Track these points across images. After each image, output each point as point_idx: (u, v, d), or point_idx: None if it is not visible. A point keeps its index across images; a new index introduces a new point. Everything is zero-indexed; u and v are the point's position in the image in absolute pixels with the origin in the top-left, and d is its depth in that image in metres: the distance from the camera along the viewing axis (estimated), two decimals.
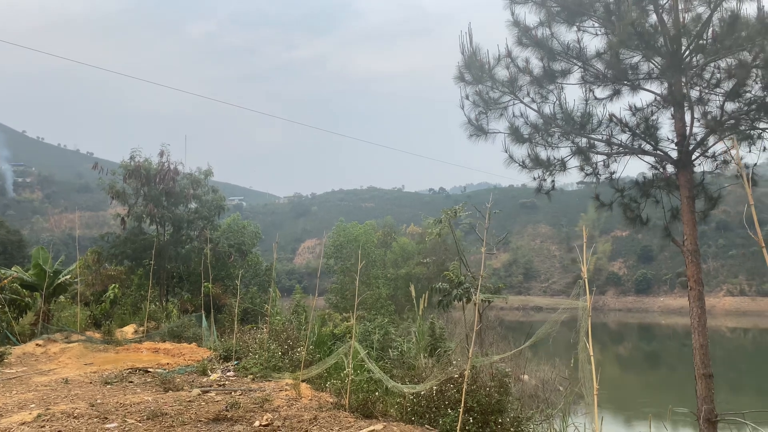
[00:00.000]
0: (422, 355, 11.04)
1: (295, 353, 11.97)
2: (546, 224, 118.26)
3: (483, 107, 8.88)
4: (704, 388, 7.82)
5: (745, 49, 7.05)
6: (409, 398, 8.06)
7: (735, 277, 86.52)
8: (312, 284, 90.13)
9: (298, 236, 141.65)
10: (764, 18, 6.72)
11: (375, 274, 38.33)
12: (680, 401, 13.53)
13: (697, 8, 7.36)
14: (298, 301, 22.68)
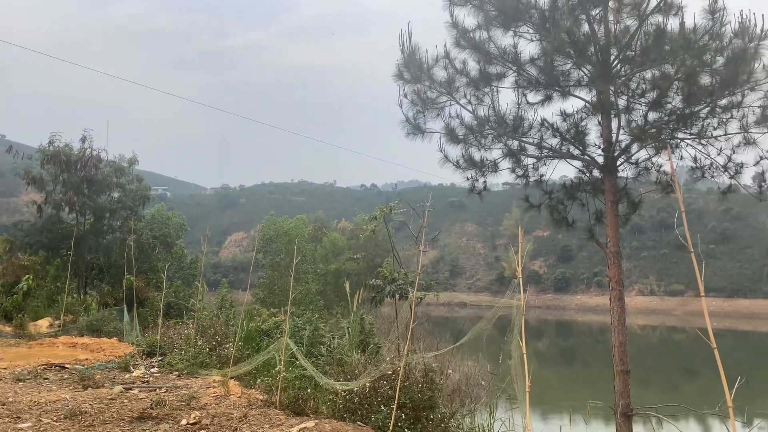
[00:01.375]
0: (354, 351, 11.05)
1: (223, 349, 11.71)
2: (473, 223, 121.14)
3: (421, 106, 8.96)
4: (621, 384, 8.22)
5: (669, 62, 7.44)
6: (342, 395, 8.05)
7: (646, 277, 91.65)
8: (238, 278, 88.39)
9: (225, 229, 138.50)
10: (686, 33, 7.12)
11: (305, 269, 38.05)
12: (596, 396, 14.22)
13: (626, 20, 7.70)
14: (224, 295, 22.19)
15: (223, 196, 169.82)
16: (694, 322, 68.99)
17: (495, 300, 8.60)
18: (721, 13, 7.13)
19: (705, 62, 7.42)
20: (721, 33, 7.22)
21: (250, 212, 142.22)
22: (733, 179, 8.19)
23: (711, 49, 7.30)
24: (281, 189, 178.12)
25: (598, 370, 36.67)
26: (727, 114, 7.75)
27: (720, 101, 7.67)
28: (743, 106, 7.70)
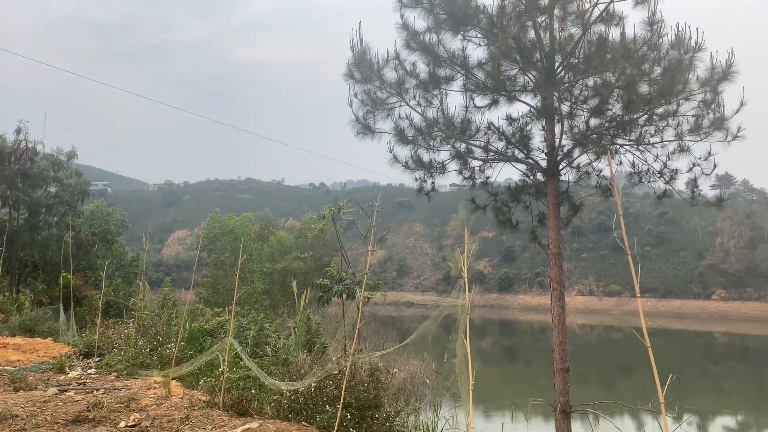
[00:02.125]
0: (300, 351, 10.97)
1: (165, 349, 11.42)
2: (420, 223, 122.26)
3: (371, 106, 8.98)
4: (561, 382, 8.45)
5: (610, 71, 7.71)
6: (287, 395, 7.99)
7: (586, 278, 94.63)
8: (181, 277, 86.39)
9: (168, 226, 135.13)
10: (627, 43, 7.39)
11: (250, 268, 37.51)
12: (537, 393, 14.60)
13: (570, 29, 7.93)
14: (167, 294, 21.65)
15: (166, 193, 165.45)
16: (631, 322, 71.72)
17: (441, 299, 8.73)
18: (659, 25, 7.44)
19: (644, 71, 7.73)
20: (659, 44, 7.53)
21: (194, 209, 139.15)
22: (668, 185, 8.55)
23: (649, 59, 7.61)
24: (227, 186, 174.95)
25: (539, 368, 37.66)
26: (663, 122, 8.08)
27: (657, 109, 7.99)
28: (678, 114, 8.05)
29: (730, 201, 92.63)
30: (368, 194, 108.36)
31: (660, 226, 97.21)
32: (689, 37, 7.48)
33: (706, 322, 75.02)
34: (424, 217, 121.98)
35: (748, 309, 79.15)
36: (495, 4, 8.31)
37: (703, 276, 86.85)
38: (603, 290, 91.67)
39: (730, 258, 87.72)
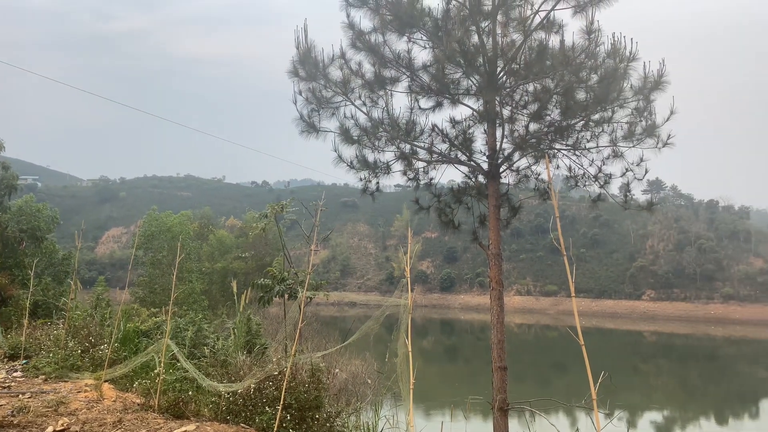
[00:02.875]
0: (240, 352, 10.78)
1: (97, 351, 10.99)
2: (365, 223, 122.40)
3: (316, 105, 8.93)
4: (499, 380, 8.64)
5: (549, 77, 7.94)
6: (225, 397, 7.83)
7: (524, 278, 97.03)
8: (116, 276, 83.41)
9: (103, 223, 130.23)
10: (566, 51, 7.63)
11: (189, 267, 36.57)
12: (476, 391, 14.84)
13: (512, 35, 8.12)
14: (100, 294, 20.85)
15: (101, 189, 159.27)
16: (566, 321, 74.07)
17: (384, 299, 8.75)
18: (597, 34, 7.71)
19: (581, 79, 8.00)
20: (596, 53, 7.81)
21: (130, 206, 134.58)
22: (603, 188, 8.88)
23: (587, 67, 7.88)
24: (166, 183, 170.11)
25: (478, 366, 38.36)
26: (599, 128, 8.39)
27: (593, 116, 8.29)
28: (613, 121, 8.37)
29: (660, 205, 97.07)
30: (312, 193, 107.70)
31: (594, 228, 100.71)
32: (624, 47, 7.79)
33: (636, 321, 78.29)
34: (368, 217, 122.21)
35: (675, 309, 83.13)
36: (440, 8, 8.42)
37: (635, 277, 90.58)
38: (540, 290, 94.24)
39: (659, 260, 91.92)
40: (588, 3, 7.92)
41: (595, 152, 8.65)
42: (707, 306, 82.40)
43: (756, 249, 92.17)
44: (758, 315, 77.19)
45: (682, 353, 53.75)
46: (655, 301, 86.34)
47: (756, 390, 35.97)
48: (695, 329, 69.95)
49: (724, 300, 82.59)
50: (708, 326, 72.19)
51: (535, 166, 9.18)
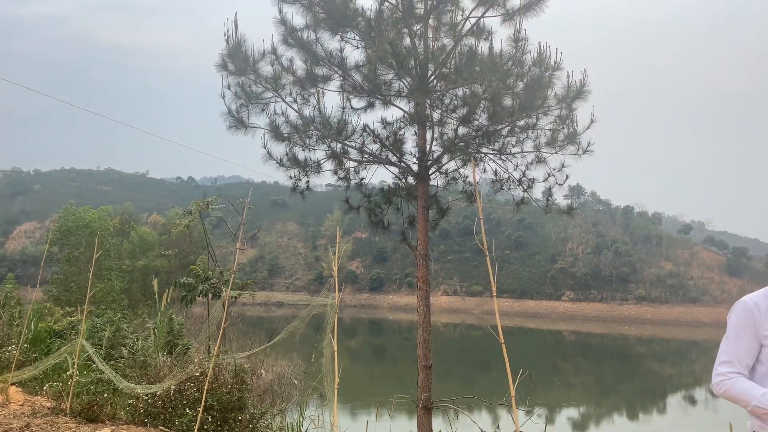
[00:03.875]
0: (160, 353, 10.42)
1: (4, 352, 10.34)
2: (294, 222, 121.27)
3: (245, 100, 8.74)
4: (424, 378, 8.75)
5: (478, 82, 8.12)
6: (143, 399, 7.55)
7: (451, 278, 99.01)
8: (27, 273, 78.77)
9: (14, 218, 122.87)
10: (494, 57, 7.83)
11: (108, 265, 34.99)
12: (402, 390, 15.00)
13: (443, 39, 8.25)
14: (9, 292, 19.65)
15: (13, 181, 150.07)
16: (490, 320, 76.04)
17: (312, 299, 8.69)
18: (524, 42, 7.95)
19: (508, 86, 8.22)
20: (523, 60, 8.05)
21: (45, 200, 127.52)
22: (526, 192, 9.17)
23: (513, 74, 8.11)
24: (85, 176, 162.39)
25: (404, 366, 38.75)
26: (524, 134, 8.65)
27: (519, 122, 8.54)
28: (537, 128, 8.65)
29: (580, 210, 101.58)
30: (240, 191, 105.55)
31: (518, 231, 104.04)
32: (549, 56, 8.07)
33: (556, 321, 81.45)
34: (298, 216, 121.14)
35: (592, 309, 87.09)
36: (373, 8, 8.44)
37: (555, 278, 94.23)
38: (466, 290, 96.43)
39: (578, 262, 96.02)
40: (516, 12, 8.15)
41: (520, 157, 8.91)
42: (622, 307, 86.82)
43: (666, 253, 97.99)
44: (667, 315, 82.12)
45: (598, 352, 56.38)
46: (574, 302, 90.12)
47: (664, 386, 38.20)
48: (610, 329, 73.53)
49: (637, 301, 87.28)
50: (622, 326, 76.07)
51: (463, 169, 9.36)
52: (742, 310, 2.85)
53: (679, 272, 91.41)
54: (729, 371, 2.81)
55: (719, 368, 2.85)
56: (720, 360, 2.86)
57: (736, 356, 2.82)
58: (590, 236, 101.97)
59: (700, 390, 37.06)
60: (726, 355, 2.84)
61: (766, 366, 2.81)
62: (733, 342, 2.84)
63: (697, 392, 36.48)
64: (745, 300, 2.89)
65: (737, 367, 2.81)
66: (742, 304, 2.87)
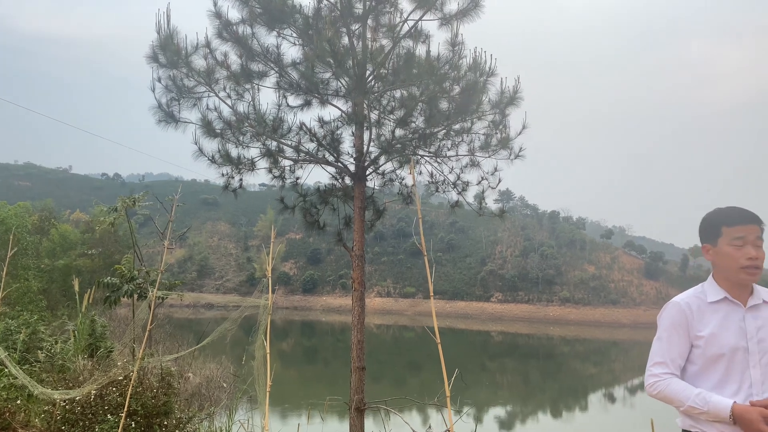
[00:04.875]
0: (80, 356, 9.90)
1: None
2: (226, 222, 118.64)
3: (176, 93, 8.45)
4: (357, 380, 8.72)
5: (415, 85, 8.17)
6: (60, 405, 7.14)
7: (384, 280, 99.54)
8: None
9: None
10: (431, 60, 7.90)
11: (25, 264, 33.02)
12: (334, 392, 14.92)
13: (382, 40, 8.25)
14: None
15: None
16: (422, 321, 76.96)
17: (243, 300, 8.49)
18: (460, 47, 8.07)
19: (444, 89, 8.32)
20: (459, 65, 8.17)
21: None
22: (461, 195, 9.31)
23: (450, 78, 8.21)
24: (2, 170, 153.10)
25: (336, 367, 38.64)
26: (459, 137, 8.78)
27: (454, 126, 8.66)
28: (472, 132, 8.80)
29: (510, 214, 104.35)
30: (170, 188, 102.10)
31: (451, 234, 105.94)
32: (485, 62, 8.22)
33: (485, 322, 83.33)
34: (229, 216, 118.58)
35: (520, 310, 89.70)
36: (312, 6, 8.36)
37: (485, 280, 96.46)
38: (399, 292, 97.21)
39: (507, 265, 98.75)
40: (453, 17, 8.26)
41: (455, 160, 9.04)
42: (547, 308, 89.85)
43: (589, 257, 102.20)
44: (589, 316, 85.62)
45: (525, 352, 58.06)
46: (502, 303, 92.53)
47: (585, 385, 39.73)
48: (536, 329, 75.93)
49: (562, 302, 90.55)
50: (547, 326, 78.73)
51: (399, 170, 9.40)
52: (676, 311, 2.87)
53: (601, 275, 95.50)
54: (663, 372, 2.83)
55: (653, 369, 2.87)
56: (653, 361, 2.88)
57: (669, 357, 2.84)
58: (518, 239, 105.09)
59: (619, 388, 38.81)
60: (659, 356, 2.86)
61: (697, 366, 2.84)
62: (666, 343, 2.86)
63: (617, 390, 38.17)
64: (677, 301, 2.90)
65: (670, 368, 2.83)
66: (675, 306, 2.89)
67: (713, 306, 2.83)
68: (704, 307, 2.84)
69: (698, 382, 2.81)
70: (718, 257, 2.85)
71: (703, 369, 2.82)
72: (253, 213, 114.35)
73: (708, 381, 2.79)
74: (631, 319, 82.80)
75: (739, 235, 2.77)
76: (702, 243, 2.95)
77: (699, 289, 2.93)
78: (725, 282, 2.86)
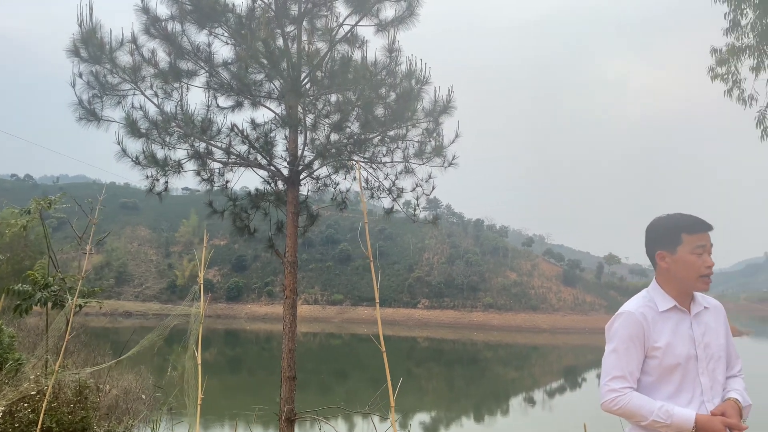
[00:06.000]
0: None
1: None
2: (146, 227, 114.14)
3: (99, 90, 8.00)
4: (288, 389, 8.52)
5: (351, 90, 8.11)
6: None
7: (312, 287, 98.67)
8: None
9: None
10: (368, 66, 7.87)
11: None
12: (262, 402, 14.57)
13: (317, 43, 8.15)
14: None
15: None
16: (349, 329, 76.82)
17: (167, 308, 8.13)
18: (397, 53, 8.08)
19: (380, 95, 8.31)
20: (396, 71, 8.18)
21: None
22: (395, 201, 9.31)
23: (386, 84, 8.21)
24: None
25: (262, 377, 37.85)
26: (394, 144, 8.79)
27: (389, 132, 8.66)
28: (406, 139, 8.84)
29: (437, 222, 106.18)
30: (87, 191, 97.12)
31: (380, 240, 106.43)
32: (420, 70, 8.28)
33: (412, 328, 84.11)
34: (151, 221, 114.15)
35: (445, 316, 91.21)
36: (245, 5, 8.15)
37: (412, 287, 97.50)
38: (327, 299, 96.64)
39: (433, 271, 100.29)
40: (389, 23, 8.27)
41: (390, 167, 9.05)
42: (471, 314, 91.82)
43: (511, 264, 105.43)
44: (511, 322, 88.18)
45: (450, 357, 58.99)
46: (428, 309, 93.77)
47: (507, 389, 40.76)
48: (461, 335, 77.38)
49: (485, 308, 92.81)
50: (471, 332, 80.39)
51: (334, 175, 9.30)
52: (632, 322, 2.77)
53: (522, 281, 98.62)
54: (622, 387, 2.72)
55: (612, 384, 2.74)
56: (611, 375, 2.75)
57: (628, 370, 2.74)
58: (445, 247, 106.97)
59: (539, 391, 40.07)
60: (617, 369, 2.74)
61: (653, 377, 2.78)
62: (624, 355, 2.74)
63: (536, 393, 39.39)
64: (632, 311, 2.78)
65: (629, 382, 2.74)
66: (631, 316, 2.78)
67: (664, 315, 2.78)
68: (656, 317, 2.77)
69: (653, 394, 2.76)
70: (677, 265, 2.78)
71: (659, 380, 2.76)
72: (175, 218, 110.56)
73: (663, 391, 2.74)
74: (550, 324, 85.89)
75: (700, 243, 2.74)
76: (656, 250, 2.85)
77: (646, 297, 2.86)
78: (674, 290, 2.82)
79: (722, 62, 10.81)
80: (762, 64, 10.22)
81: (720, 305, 2.96)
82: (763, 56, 10.10)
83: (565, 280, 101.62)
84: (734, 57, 10.51)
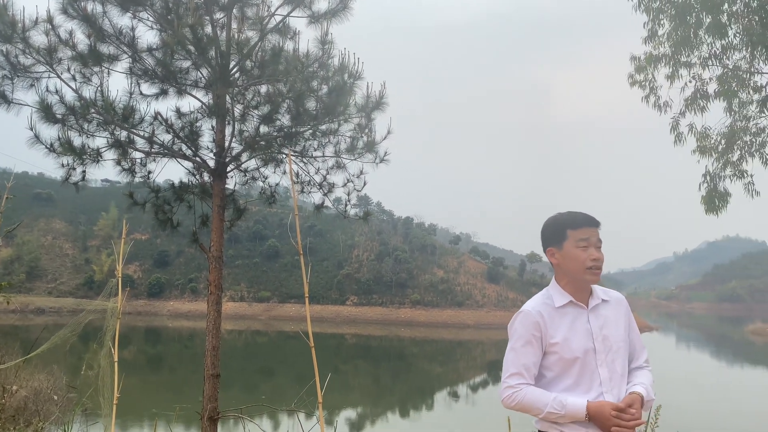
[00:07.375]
0: None
1: None
2: (62, 220, 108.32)
3: (9, 71, 7.47)
4: (211, 388, 8.28)
5: (282, 81, 7.96)
6: None
7: (238, 284, 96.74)
8: None
9: None
10: (300, 57, 7.74)
11: None
12: (184, 401, 14.12)
13: (247, 32, 7.93)
14: None
15: None
16: (276, 326, 75.90)
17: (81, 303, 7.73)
18: (330, 46, 8.00)
19: (312, 88, 8.19)
20: (328, 65, 8.10)
21: None
22: (326, 197, 9.22)
23: (318, 77, 8.11)
24: None
25: (184, 375, 36.81)
26: (325, 138, 8.70)
27: (321, 126, 8.56)
28: (338, 134, 8.77)
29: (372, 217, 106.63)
30: None
31: (310, 237, 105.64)
32: (353, 64, 8.23)
33: (340, 324, 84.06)
34: (67, 213, 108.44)
35: (374, 313, 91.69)
36: None
37: (341, 284, 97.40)
38: (253, 296, 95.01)
39: (363, 268, 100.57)
40: (322, 15, 8.17)
41: (321, 161, 8.94)
42: (399, 310, 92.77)
43: (439, 261, 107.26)
44: (437, 318, 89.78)
45: (377, 353, 59.41)
46: (357, 306, 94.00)
47: (432, 384, 41.48)
48: (389, 331, 78.04)
49: (413, 305, 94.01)
50: (399, 328, 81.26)
51: (263, 168, 9.10)
52: (528, 320, 2.88)
53: (449, 278, 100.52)
54: (519, 383, 2.82)
55: (509, 381, 2.84)
56: (509, 372, 2.86)
57: (524, 367, 2.84)
58: (374, 244, 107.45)
59: (463, 386, 40.99)
60: (514, 366, 2.85)
61: (553, 372, 2.88)
62: (521, 352, 2.85)
63: (460, 388, 40.27)
64: (529, 310, 2.91)
65: (526, 378, 2.84)
66: (527, 315, 2.90)
67: (561, 310, 2.89)
68: (553, 313, 2.88)
69: (553, 388, 2.86)
70: (564, 260, 2.91)
71: (559, 374, 2.86)
72: (93, 211, 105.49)
73: (562, 385, 2.85)
74: (474, 320, 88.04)
75: (583, 237, 2.86)
76: (546, 247, 2.99)
77: (545, 294, 2.98)
78: (569, 286, 2.94)
79: (640, 69, 11.36)
80: (677, 72, 10.81)
81: (622, 297, 3.09)
82: (677, 65, 10.69)
83: (490, 278, 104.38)
84: (651, 65, 11.07)
